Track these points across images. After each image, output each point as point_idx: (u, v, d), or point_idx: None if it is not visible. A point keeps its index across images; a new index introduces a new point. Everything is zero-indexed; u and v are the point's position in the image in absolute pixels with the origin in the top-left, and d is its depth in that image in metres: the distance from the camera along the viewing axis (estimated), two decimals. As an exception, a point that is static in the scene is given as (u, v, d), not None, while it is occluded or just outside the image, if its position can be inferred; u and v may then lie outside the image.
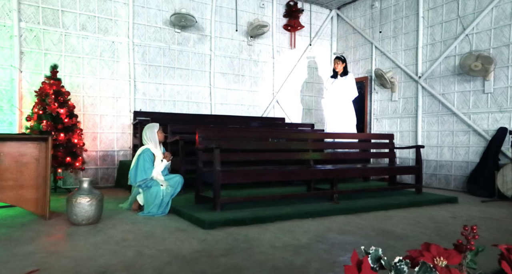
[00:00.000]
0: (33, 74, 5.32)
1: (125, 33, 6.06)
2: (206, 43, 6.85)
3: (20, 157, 3.44)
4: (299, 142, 4.41)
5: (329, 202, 3.93)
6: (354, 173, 4.55)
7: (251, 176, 3.56)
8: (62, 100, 4.97)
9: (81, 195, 3.11)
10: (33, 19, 5.34)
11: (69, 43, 5.61)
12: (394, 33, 6.82)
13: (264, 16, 7.42)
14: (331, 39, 8.27)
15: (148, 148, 3.83)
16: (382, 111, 7.13)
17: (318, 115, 8.14)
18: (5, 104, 5.13)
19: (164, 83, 6.44)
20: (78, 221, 3.10)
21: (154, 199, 3.59)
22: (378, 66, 7.08)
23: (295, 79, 7.84)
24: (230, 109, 7.11)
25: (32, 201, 3.45)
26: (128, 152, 6.12)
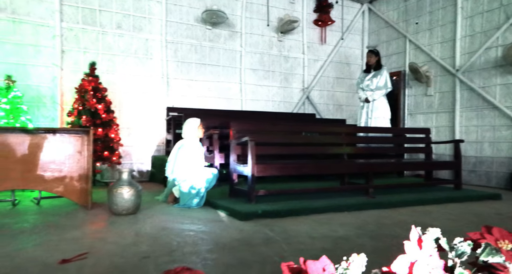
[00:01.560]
0: (72, 72, 5.54)
1: (158, 31, 6.19)
2: (237, 39, 6.89)
3: (64, 149, 3.59)
4: (333, 136, 4.36)
5: (363, 197, 3.86)
6: (389, 167, 4.45)
7: (286, 169, 3.55)
8: (100, 96, 5.15)
9: (121, 185, 3.21)
10: (73, 19, 5.56)
11: (106, 42, 5.80)
12: (429, 25, 6.60)
13: (294, 12, 7.37)
14: (362, 33, 8.11)
15: (188, 141, 3.90)
16: (416, 106, 6.92)
17: (349, 111, 8.01)
18: (48, 101, 5.37)
19: (196, 79, 6.53)
20: (119, 211, 3.20)
21: (190, 192, 3.65)
22: (412, 60, 6.88)
23: (326, 75, 7.75)
24: (260, 105, 7.12)
25: (75, 192, 3.60)
26: (161, 147, 6.26)
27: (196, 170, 3.79)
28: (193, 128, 3.99)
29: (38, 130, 3.54)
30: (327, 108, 7.83)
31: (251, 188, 3.38)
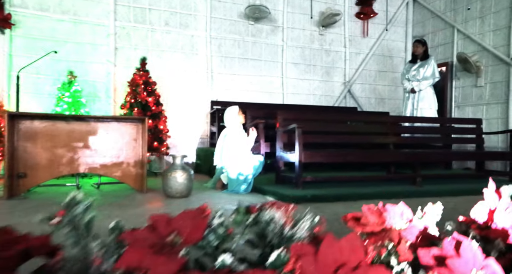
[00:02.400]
0: (124, 68, 5.87)
1: (203, 27, 6.41)
2: (278, 34, 6.97)
3: (121, 137, 3.84)
4: (378, 125, 4.33)
5: (410, 186, 3.81)
6: (437, 157, 4.34)
7: (332, 156, 3.59)
8: (150, 89, 5.43)
9: (175, 169, 3.40)
10: (126, 18, 5.89)
11: (154, 39, 6.09)
12: (481, 13, 6.33)
13: (336, 5, 7.33)
14: (406, 25, 7.90)
15: (231, 129, 4.04)
16: (464, 98, 6.66)
17: (391, 104, 7.84)
18: (102, 95, 5.73)
19: (239, 74, 6.68)
20: (172, 194, 3.39)
21: (238, 178, 3.79)
22: (461, 50, 6.63)
23: (368, 68, 7.64)
24: (301, 99, 7.16)
25: (131, 177, 3.84)
26: (205, 140, 6.47)
27: (243, 156, 3.91)
28: (233, 115, 4.13)
29: (102, 118, 3.81)
30: (369, 102, 7.72)
31: (299, 174, 3.45)
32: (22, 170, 3.41)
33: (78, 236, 0.66)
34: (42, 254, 0.65)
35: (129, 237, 0.60)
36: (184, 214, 0.68)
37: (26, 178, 3.41)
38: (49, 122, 3.57)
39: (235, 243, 0.72)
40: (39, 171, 3.50)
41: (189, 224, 0.63)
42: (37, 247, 0.64)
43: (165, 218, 0.66)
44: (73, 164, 3.64)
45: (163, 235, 0.61)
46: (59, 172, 3.61)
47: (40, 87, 5.38)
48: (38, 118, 3.54)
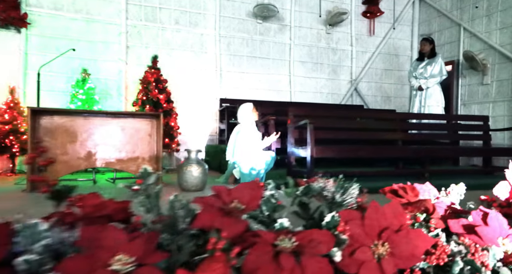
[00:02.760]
0: (135, 66, 5.97)
1: (212, 26, 6.50)
2: (286, 32, 7.05)
3: (137, 132, 3.95)
4: (387, 121, 4.41)
5: (419, 181, 3.88)
6: (446, 152, 4.42)
7: (343, 151, 3.68)
8: (161, 87, 5.53)
9: (190, 163, 3.50)
10: (137, 16, 6.00)
11: (165, 37, 6.19)
12: (487, 11, 6.39)
13: (343, 4, 7.41)
14: (412, 24, 7.97)
15: (244, 126, 4.14)
16: (470, 96, 6.72)
17: (397, 102, 7.92)
18: (114, 92, 5.84)
19: (247, 72, 6.78)
20: (188, 187, 3.49)
21: (250, 173, 3.88)
22: (467, 48, 6.69)
23: (374, 66, 7.72)
24: (308, 97, 7.24)
25: (146, 171, 3.93)
26: (214, 137, 6.57)
27: (255, 152, 4.01)
28: (247, 112, 4.22)
29: (119, 114, 3.92)
30: (375, 100, 7.79)
31: (310, 169, 3.54)
32: (42, 164, 3.52)
33: (151, 203, 0.76)
34: (121, 218, 0.74)
35: (199, 202, 0.69)
36: (241, 186, 0.77)
37: (46, 172, 3.52)
38: (68, 118, 3.67)
39: (285, 212, 0.81)
40: (58, 165, 3.61)
41: (247, 193, 0.72)
42: (119, 211, 0.73)
43: (225, 188, 0.75)
44: (90, 159, 3.74)
45: (226, 202, 0.70)
46: (77, 166, 3.71)
47: (54, 84, 5.49)
48: (58, 114, 3.65)
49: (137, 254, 0.54)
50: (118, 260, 0.52)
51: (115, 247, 0.54)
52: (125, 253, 0.54)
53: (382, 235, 0.67)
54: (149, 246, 0.57)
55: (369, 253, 0.64)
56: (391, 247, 0.64)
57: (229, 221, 0.65)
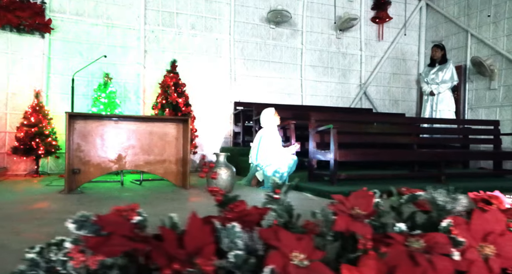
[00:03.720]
0: (153, 70, 6.12)
1: (227, 31, 6.66)
2: (298, 37, 7.22)
3: (164, 136, 4.09)
4: (402, 126, 4.57)
5: (436, 184, 4.06)
6: (461, 156, 4.61)
7: (365, 155, 3.84)
8: (180, 91, 5.67)
9: (220, 167, 3.65)
10: (154, 21, 6.14)
11: (181, 42, 6.33)
12: (495, 18, 6.58)
13: (352, 10, 7.58)
14: (419, 29, 8.15)
15: (267, 130, 4.29)
16: (477, 100, 6.91)
17: (404, 106, 8.10)
18: (132, 96, 5.98)
19: (260, 76, 6.93)
20: (217, 189, 3.63)
21: (274, 175, 4.03)
22: (474, 54, 6.87)
23: (383, 71, 7.89)
24: (319, 100, 7.40)
25: (173, 174, 4.09)
26: (228, 139, 6.72)
27: (278, 155, 4.17)
28: (270, 116, 4.38)
29: (147, 118, 4.06)
30: (383, 104, 7.96)
31: (334, 171, 3.70)
32: (76, 166, 3.66)
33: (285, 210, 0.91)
34: (258, 221, 0.89)
35: (334, 208, 0.84)
36: (355, 194, 0.93)
37: (79, 174, 3.66)
38: (100, 122, 3.82)
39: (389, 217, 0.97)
40: (91, 167, 3.75)
41: (363, 201, 0.87)
42: (259, 216, 0.88)
43: (343, 197, 0.90)
44: (120, 161, 3.89)
45: (348, 208, 0.85)
46: (108, 169, 3.85)
47: (75, 88, 5.61)
48: (91, 118, 3.79)
49: (306, 252, 0.69)
50: (296, 256, 0.67)
51: (290, 246, 0.69)
52: (298, 251, 0.68)
53: (487, 238, 0.82)
54: (311, 245, 0.72)
55: (477, 254, 0.79)
56: (496, 248, 0.80)
57: (359, 225, 0.80)
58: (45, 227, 2.15)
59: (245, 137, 6.22)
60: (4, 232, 2.03)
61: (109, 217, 0.81)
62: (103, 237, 0.76)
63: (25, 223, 2.25)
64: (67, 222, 0.80)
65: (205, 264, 0.65)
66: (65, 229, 2.05)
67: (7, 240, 1.83)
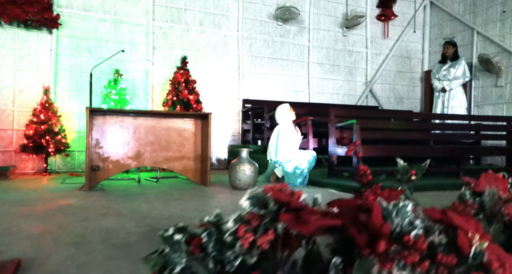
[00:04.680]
0: (161, 66, 6.03)
1: (235, 28, 6.60)
2: (305, 35, 7.19)
3: (182, 132, 4.02)
4: (417, 123, 4.57)
5: (455, 179, 4.05)
6: (479, 151, 4.62)
7: (388, 150, 3.82)
8: (191, 87, 5.60)
9: (243, 163, 3.59)
10: (163, 18, 6.05)
11: (190, 38, 6.26)
12: (501, 16, 6.63)
13: (358, 7, 7.58)
14: (423, 27, 8.18)
15: (283, 125, 4.24)
16: (484, 97, 6.95)
17: (409, 103, 8.13)
18: (141, 93, 5.88)
19: (268, 73, 6.89)
20: (241, 186, 3.58)
21: (295, 171, 3.99)
22: (480, 52, 6.92)
23: (388, 68, 7.91)
24: (326, 98, 7.39)
25: (191, 171, 4.02)
26: (237, 137, 6.66)
27: (298, 151, 4.12)
28: (285, 112, 4.33)
29: (165, 114, 3.99)
30: (389, 101, 7.98)
31: (357, 167, 3.66)
32: (95, 163, 3.57)
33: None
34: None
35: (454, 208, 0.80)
36: (484, 176, 0.88)
37: (99, 170, 3.57)
38: (119, 118, 3.73)
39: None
40: (110, 164, 3.66)
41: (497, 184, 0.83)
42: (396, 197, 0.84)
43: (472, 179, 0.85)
44: (139, 158, 3.80)
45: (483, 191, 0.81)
46: (127, 166, 3.77)
47: (83, 85, 5.51)
48: (110, 114, 3.70)
49: (479, 233, 0.64)
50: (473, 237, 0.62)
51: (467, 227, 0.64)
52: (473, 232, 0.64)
53: None
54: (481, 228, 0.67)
55: None
56: None
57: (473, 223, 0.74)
58: (90, 221, 2.07)
59: (255, 134, 6.17)
60: (53, 226, 1.95)
61: (280, 195, 0.75)
62: (293, 213, 0.70)
63: (66, 218, 2.17)
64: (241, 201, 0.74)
65: (416, 242, 0.60)
66: (111, 223, 1.96)
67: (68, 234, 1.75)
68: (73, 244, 1.61)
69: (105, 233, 1.81)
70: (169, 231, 0.76)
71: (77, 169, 5.46)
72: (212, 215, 0.79)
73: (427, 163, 0.99)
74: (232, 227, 0.71)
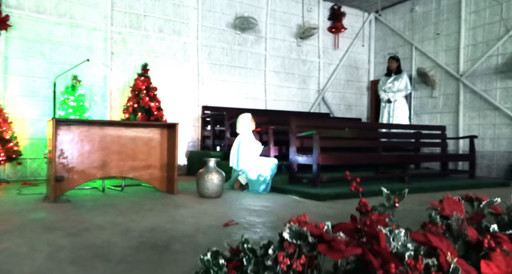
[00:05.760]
0: (120, 72, 5.95)
1: (195, 35, 6.69)
2: (262, 44, 7.46)
3: (149, 141, 4.06)
4: (369, 131, 5.01)
5: (402, 184, 4.53)
6: (420, 158, 5.19)
7: (344, 159, 4.18)
8: (152, 95, 5.60)
9: (211, 172, 3.73)
10: (122, 23, 5.97)
11: (149, 44, 6.24)
12: (435, 35, 7.41)
13: (311, 19, 8.01)
14: (369, 40, 8.85)
15: (244, 135, 4.45)
16: (422, 107, 7.71)
17: (357, 110, 8.74)
18: (98, 98, 5.76)
19: (226, 80, 7.06)
20: (209, 194, 3.72)
21: (258, 179, 4.21)
22: (418, 65, 7.66)
23: (338, 77, 8.44)
24: (282, 105, 7.72)
25: (158, 179, 4.08)
26: (196, 143, 6.74)
27: (260, 159, 4.34)
28: (247, 122, 4.55)
29: (131, 124, 4.00)
30: (339, 108, 8.52)
31: (317, 174, 3.97)
32: (59, 173, 3.50)
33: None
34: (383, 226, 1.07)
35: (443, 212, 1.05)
36: (446, 201, 1.14)
37: (63, 181, 3.51)
38: (84, 128, 3.69)
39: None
40: (75, 174, 3.61)
41: (455, 207, 1.09)
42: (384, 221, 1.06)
43: (437, 203, 1.11)
44: (105, 168, 3.79)
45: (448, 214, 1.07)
46: (93, 175, 3.74)
47: (35, 90, 5.29)
48: (75, 124, 3.65)
49: (449, 251, 0.89)
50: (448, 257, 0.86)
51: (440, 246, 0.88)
52: (444, 250, 0.88)
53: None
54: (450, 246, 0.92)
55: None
56: None
57: (446, 242, 1.00)
58: (75, 237, 2.11)
59: (215, 140, 6.31)
60: (41, 243, 1.96)
61: (315, 230, 0.92)
62: (326, 244, 0.88)
63: (48, 233, 2.18)
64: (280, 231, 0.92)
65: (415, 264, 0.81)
66: (97, 237, 2.01)
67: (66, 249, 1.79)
68: (72, 262, 1.67)
69: (97, 249, 1.88)
70: (207, 255, 0.92)
71: (30, 177, 5.22)
72: (240, 240, 0.96)
73: (406, 192, 1.23)
74: (272, 253, 0.89)
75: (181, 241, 2.04)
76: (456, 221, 1.02)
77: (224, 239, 2.13)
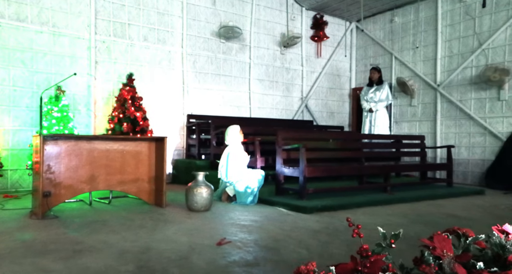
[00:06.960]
0: (104, 81, 5.90)
1: (179, 44, 6.69)
2: (246, 52, 7.54)
3: (137, 155, 4.07)
4: (352, 142, 5.16)
5: (384, 193, 4.69)
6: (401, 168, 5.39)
7: (330, 170, 4.30)
8: (138, 104, 5.58)
9: (200, 186, 3.77)
10: (106, 32, 5.92)
11: (134, 53, 6.20)
12: (413, 45, 7.67)
13: (294, 28, 8.14)
14: (350, 49, 9.06)
15: (233, 147, 4.50)
16: (401, 115, 7.97)
17: (339, 118, 8.94)
18: (82, 108, 5.69)
19: (211, 88, 7.09)
20: (198, 208, 3.75)
21: (246, 191, 4.27)
22: (398, 74, 7.92)
23: (321, 85, 8.61)
24: (266, 112, 7.81)
25: (146, 192, 4.08)
26: (181, 151, 6.74)
27: (247, 171, 4.41)
28: (235, 134, 4.61)
29: (119, 138, 3.99)
30: (321, 116, 8.69)
31: (303, 186, 4.07)
32: (46, 188, 3.46)
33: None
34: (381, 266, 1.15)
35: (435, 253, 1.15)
36: (436, 238, 1.24)
37: (50, 196, 3.47)
38: (71, 142, 3.66)
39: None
40: (62, 189, 3.58)
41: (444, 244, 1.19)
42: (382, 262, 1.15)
43: (429, 241, 1.21)
44: (93, 182, 3.77)
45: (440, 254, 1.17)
46: (81, 190, 3.71)
47: (17, 100, 5.18)
48: (63, 139, 3.61)
49: None
50: None
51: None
52: None
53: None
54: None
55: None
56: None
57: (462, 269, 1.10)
58: (69, 260, 2.11)
59: (201, 149, 6.33)
60: (35, 269, 1.96)
61: None
62: None
63: (40, 257, 2.17)
64: None
65: None
66: (93, 261, 2.02)
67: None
68: (72, 291, 1.69)
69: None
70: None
71: (11, 189, 5.10)
72: None
73: (400, 232, 1.32)
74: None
75: (178, 265, 2.08)
76: (448, 264, 1.12)
77: (219, 259, 2.19)
